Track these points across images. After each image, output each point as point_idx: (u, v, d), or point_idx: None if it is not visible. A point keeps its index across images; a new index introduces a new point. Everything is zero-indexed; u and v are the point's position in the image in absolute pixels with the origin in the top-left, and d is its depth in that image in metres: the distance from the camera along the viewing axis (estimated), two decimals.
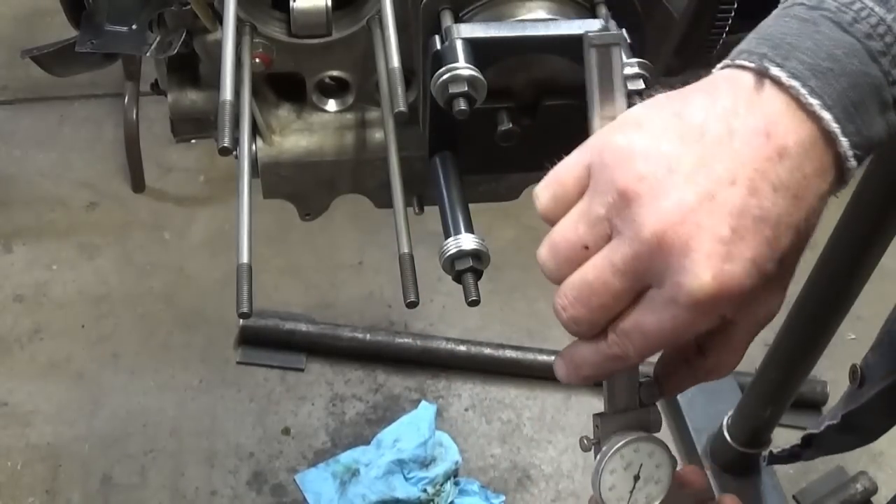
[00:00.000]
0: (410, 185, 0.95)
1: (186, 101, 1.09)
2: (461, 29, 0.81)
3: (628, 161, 0.57)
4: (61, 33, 1.13)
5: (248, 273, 0.79)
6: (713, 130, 0.56)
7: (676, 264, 0.55)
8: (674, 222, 0.54)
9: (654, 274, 0.56)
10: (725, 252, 0.54)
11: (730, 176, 0.55)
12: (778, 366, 1.84)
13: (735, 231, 0.54)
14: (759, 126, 0.56)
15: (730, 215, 0.54)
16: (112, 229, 2.45)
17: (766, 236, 0.55)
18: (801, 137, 0.56)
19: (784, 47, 0.57)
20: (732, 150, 0.55)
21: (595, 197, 0.58)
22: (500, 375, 2.21)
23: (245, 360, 2.21)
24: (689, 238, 0.54)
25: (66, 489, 1.98)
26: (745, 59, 0.58)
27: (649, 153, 0.56)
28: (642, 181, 0.56)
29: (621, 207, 0.56)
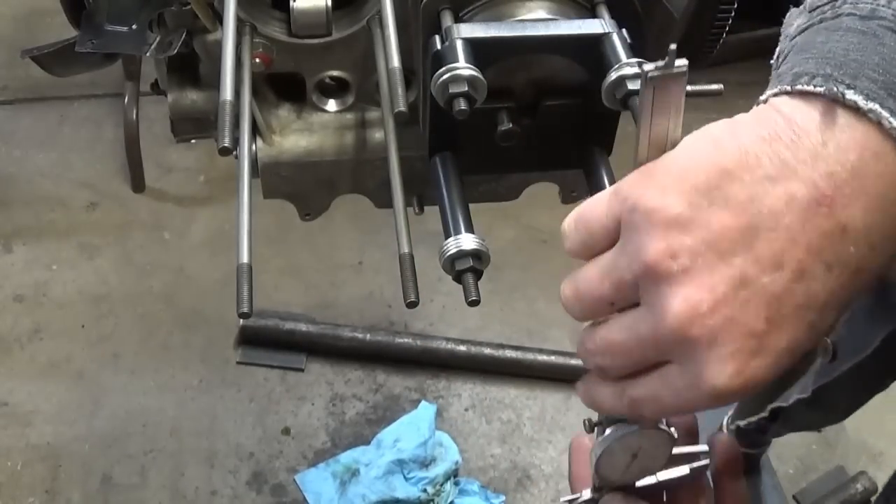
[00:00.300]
0: (410, 185, 0.95)
1: (186, 101, 1.09)
2: (461, 29, 0.81)
3: (660, 230, 0.50)
4: (61, 33, 1.13)
5: (248, 273, 0.79)
6: (765, 197, 0.49)
7: (701, 356, 0.50)
8: (702, 314, 0.49)
9: (677, 355, 0.52)
10: (756, 346, 0.49)
11: (775, 259, 0.48)
12: None
13: (771, 321, 0.49)
14: (822, 188, 0.48)
15: (768, 305, 0.49)
16: (112, 229, 2.45)
17: (808, 321, 0.50)
18: (883, 178, 0.48)
19: (850, 65, 0.50)
20: (784, 226, 0.48)
21: (623, 258, 0.53)
22: (500, 375, 2.21)
23: (245, 360, 2.21)
24: (717, 332, 0.49)
25: (66, 489, 1.98)
26: (806, 82, 0.51)
27: (684, 223, 0.49)
28: (673, 258, 0.49)
29: (648, 282, 0.51)
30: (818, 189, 0.48)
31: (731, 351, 0.49)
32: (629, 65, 0.77)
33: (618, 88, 0.77)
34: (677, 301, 0.50)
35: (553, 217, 2.44)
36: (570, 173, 1.06)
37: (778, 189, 0.48)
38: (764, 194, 0.49)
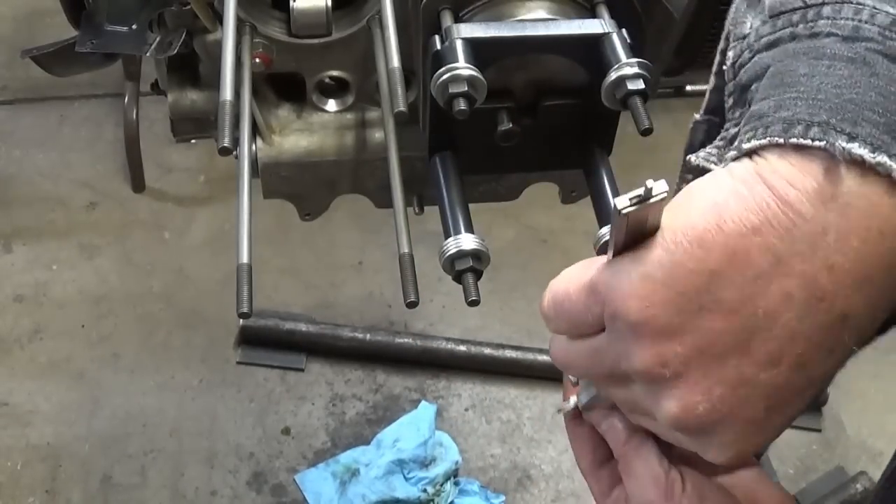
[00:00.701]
0: (410, 185, 0.95)
1: (186, 101, 1.09)
2: (461, 29, 0.81)
3: (648, 340, 0.47)
4: (61, 33, 1.13)
5: (248, 273, 0.79)
6: (758, 299, 0.45)
7: (699, 444, 0.50)
8: (698, 414, 0.47)
9: (679, 441, 0.52)
10: (756, 430, 0.48)
11: (772, 358, 0.45)
12: None
13: (771, 409, 0.47)
14: (822, 285, 0.44)
15: (767, 397, 0.46)
16: (112, 229, 2.45)
17: (809, 396, 0.48)
18: (888, 254, 0.44)
19: (848, 108, 0.44)
20: (781, 325, 0.45)
21: (612, 353, 0.50)
22: (500, 375, 2.21)
23: (245, 360, 2.21)
24: (715, 427, 0.48)
25: (66, 489, 1.98)
26: (801, 134, 0.44)
27: (673, 332, 0.46)
28: (664, 367, 0.47)
29: (643, 383, 0.49)
30: (817, 285, 0.44)
31: (729, 440, 0.48)
32: (629, 65, 0.77)
33: (618, 88, 0.77)
34: (671, 404, 0.48)
35: (553, 217, 2.45)
36: (569, 173, 1.06)
37: (772, 288, 0.44)
38: (757, 295, 0.45)
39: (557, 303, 0.53)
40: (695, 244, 0.45)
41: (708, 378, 0.46)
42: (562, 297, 0.52)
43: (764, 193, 0.44)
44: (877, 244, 0.44)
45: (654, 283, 0.46)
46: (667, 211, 0.47)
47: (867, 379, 2.23)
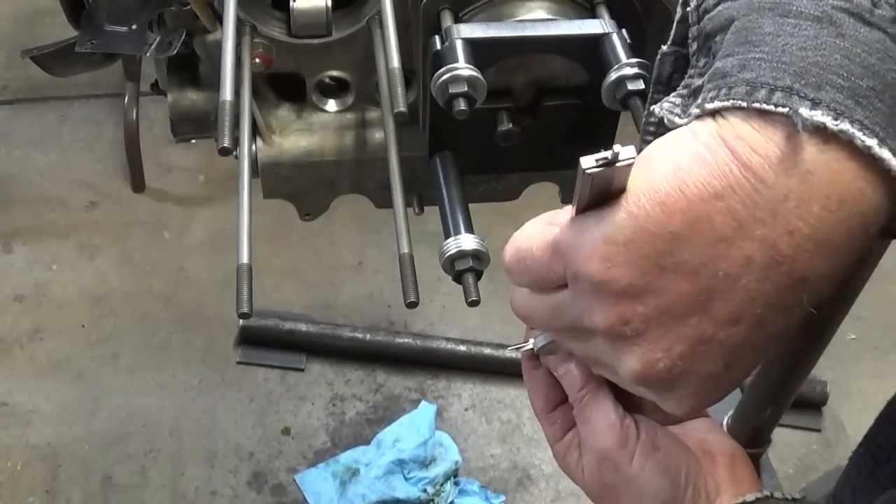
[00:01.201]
0: (410, 185, 0.95)
1: (186, 101, 1.09)
2: (461, 29, 0.81)
3: (610, 300, 0.48)
4: (61, 33, 1.13)
5: (248, 273, 0.79)
6: (719, 261, 0.45)
7: (660, 397, 0.51)
8: (658, 370, 0.48)
9: (639, 393, 0.53)
10: (714, 384, 0.49)
11: (733, 317, 0.46)
12: (778, 366, 1.83)
13: (730, 364, 0.48)
14: (781, 250, 0.44)
15: (726, 354, 0.48)
16: (112, 229, 2.45)
17: (767, 352, 0.49)
18: (850, 220, 0.44)
19: (812, 72, 0.44)
20: (741, 286, 0.45)
21: (574, 310, 0.51)
22: (500, 375, 2.21)
23: (245, 360, 2.21)
24: (674, 382, 0.49)
25: (66, 489, 1.98)
26: (765, 99, 0.44)
27: (636, 293, 0.47)
28: (626, 325, 0.48)
29: (605, 339, 0.50)
30: (777, 249, 0.44)
31: (689, 393, 0.50)
32: (629, 65, 0.77)
33: (618, 88, 0.77)
34: (633, 360, 0.49)
35: None
36: (569, 173, 1.05)
37: (733, 251, 0.45)
38: (718, 257, 0.45)
39: (520, 259, 0.53)
40: (657, 208, 0.46)
41: (668, 336, 0.47)
42: (524, 254, 0.52)
43: (727, 158, 0.45)
44: (837, 210, 0.44)
45: (616, 245, 0.47)
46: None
47: (867, 379, 2.23)
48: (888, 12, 0.45)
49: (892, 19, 0.45)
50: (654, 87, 0.53)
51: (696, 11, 0.51)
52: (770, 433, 1.96)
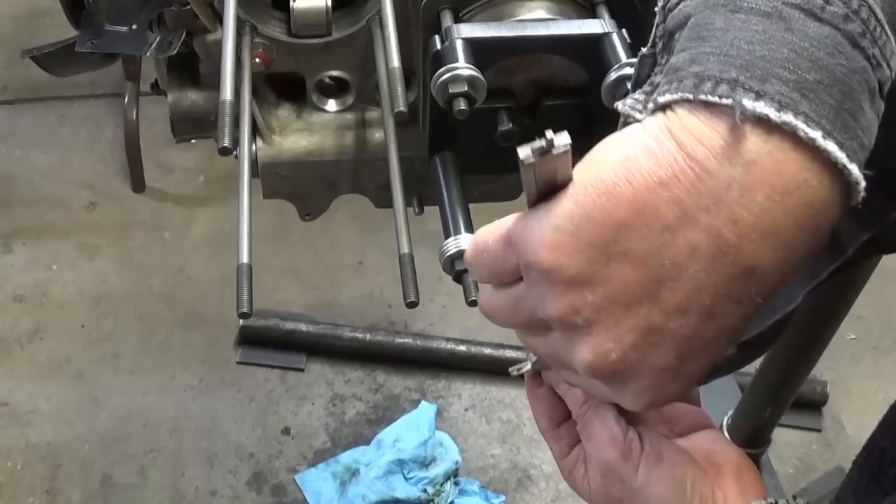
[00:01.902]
0: (410, 185, 0.95)
1: (186, 101, 1.09)
2: (461, 29, 0.81)
3: (560, 288, 0.48)
4: (61, 33, 1.13)
5: (248, 273, 0.79)
6: (665, 249, 0.46)
7: (615, 390, 0.51)
8: (611, 361, 0.48)
9: (597, 388, 0.53)
10: (669, 378, 0.50)
11: (681, 307, 0.47)
12: (778, 366, 1.83)
13: (682, 357, 0.49)
14: (726, 238, 0.45)
15: (678, 346, 0.48)
16: (112, 229, 2.45)
17: (721, 346, 0.49)
18: (794, 211, 0.45)
19: (758, 65, 0.45)
20: (688, 276, 0.46)
21: (530, 301, 0.52)
22: (500, 375, 2.21)
23: (245, 360, 2.21)
24: (628, 374, 0.49)
25: (66, 489, 1.98)
26: (710, 91, 0.45)
27: (584, 281, 0.47)
28: (577, 314, 0.48)
29: (560, 331, 0.51)
30: (722, 238, 0.45)
31: (643, 386, 0.50)
32: (629, 65, 0.77)
33: (618, 88, 0.77)
34: (585, 350, 0.49)
35: None
36: None
37: (678, 240, 0.45)
38: (664, 246, 0.46)
39: (478, 252, 0.54)
40: (604, 197, 0.46)
41: (619, 326, 0.48)
42: (482, 248, 0.53)
43: (673, 149, 0.45)
44: (782, 201, 0.44)
45: (563, 234, 0.47)
46: (580, 164, 0.48)
47: (867, 379, 2.23)
48: (840, 9, 0.46)
49: (844, 16, 0.45)
50: (633, 89, 0.53)
51: (662, 11, 0.52)
52: (770, 433, 1.96)
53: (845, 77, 0.45)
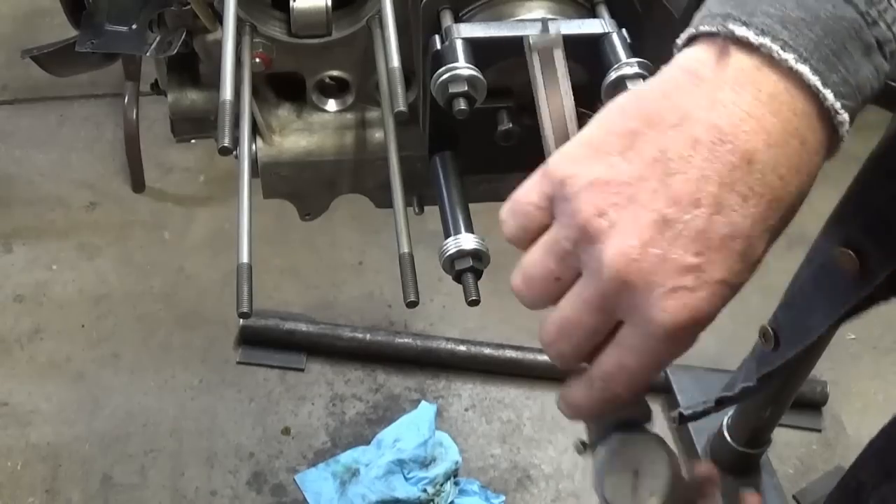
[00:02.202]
0: (410, 184, 0.95)
1: (186, 101, 1.09)
2: (461, 29, 0.81)
3: (586, 193, 0.54)
4: (61, 33, 1.13)
5: (248, 273, 0.79)
6: (672, 145, 0.53)
7: (643, 302, 0.53)
8: (633, 258, 0.52)
9: (625, 310, 0.55)
10: (693, 281, 0.52)
11: (692, 197, 0.52)
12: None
13: (701, 255, 0.52)
14: (722, 128, 0.52)
15: (694, 240, 0.52)
16: (112, 229, 2.45)
17: (737, 251, 0.53)
18: (778, 115, 0.53)
19: (749, 3, 0.54)
20: (694, 166, 0.52)
21: (561, 230, 0.56)
22: (500, 375, 2.21)
23: (245, 360, 2.21)
24: (651, 273, 0.52)
25: (66, 489, 1.98)
26: (708, 23, 0.54)
27: (605, 182, 0.54)
28: (602, 216, 0.53)
29: (585, 244, 0.54)
30: (718, 129, 0.52)
31: (669, 288, 0.53)
32: (629, 64, 0.77)
33: (618, 88, 0.77)
34: (610, 253, 0.53)
35: None
36: None
37: (682, 135, 0.53)
38: (670, 142, 0.53)
39: (515, 201, 0.60)
40: (617, 113, 0.56)
41: (638, 222, 0.53)
42: (519, 195, 0.59)
43: (675, 70, 0.55)
44: (769, 102, 0.53)
45: (582, 146, 0.56)
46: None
47: (867, 379, 2.23)
48: None
49: None
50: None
51: None
52: (770, 433, 1.96)
53: (829, 20, 0.53)
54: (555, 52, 0.62)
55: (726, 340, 2.31)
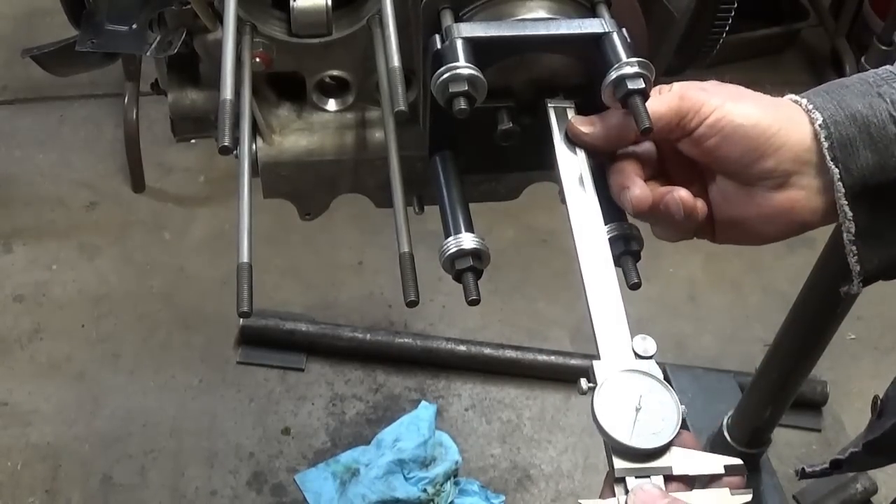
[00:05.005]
0: (410, 184, 0.95)
1: (186, 100, 1.09)
2: (461, 28, 0.81)
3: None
4: (61, 33, 1.13)
5: (248, 273, 0.79)
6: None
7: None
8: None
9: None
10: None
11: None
12: (778, 366, 1.83)
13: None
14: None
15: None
16: (112, 229, 2.45)
17: None
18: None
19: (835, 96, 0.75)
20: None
21: None
22: (500, 375, 2.21)
23: (245, 360, 2.21)
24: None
25: (66, 489, 1.98)
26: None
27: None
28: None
29: None
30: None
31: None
32: (629, 64, 0.77)
33: (618, 87, 0.77)
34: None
35: (553, 217, 2.43)
36: None
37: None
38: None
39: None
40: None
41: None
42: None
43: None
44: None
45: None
46: None
47: (867, 379, 2.23)
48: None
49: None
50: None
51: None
52: (770, 433, 1.96)
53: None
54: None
55: (726, 340, 2.32)
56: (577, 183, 0.78)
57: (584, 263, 0.74)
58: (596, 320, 0.71)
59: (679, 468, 0.65)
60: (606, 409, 0.65)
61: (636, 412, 0.65)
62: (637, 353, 0.69)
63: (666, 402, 0.66)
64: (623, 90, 0.77)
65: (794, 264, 2.17)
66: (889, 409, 1.07)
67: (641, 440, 0.64)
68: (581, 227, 0.76)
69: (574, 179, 0.79)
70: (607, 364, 0.68)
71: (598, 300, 0.72)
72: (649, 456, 0.65)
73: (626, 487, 0.64)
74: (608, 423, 0.65)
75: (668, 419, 0.65)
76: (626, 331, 0.70)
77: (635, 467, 0.64)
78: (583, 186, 0.78)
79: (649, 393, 0.66)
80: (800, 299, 1.71)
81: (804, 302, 1.71)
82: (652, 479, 0.64)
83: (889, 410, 1.07)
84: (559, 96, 0.85)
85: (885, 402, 1.08)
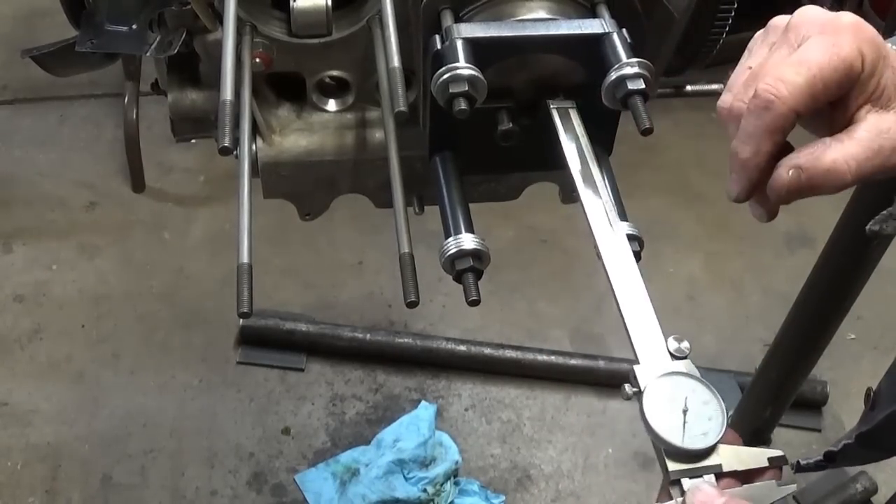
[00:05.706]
0: (410, 184, 0.95)
1: (186, 101, 1.09)
2: (461, 29, 0.81)
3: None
4: (61, 33, 1.13)
5: (248, 273, 0.79)
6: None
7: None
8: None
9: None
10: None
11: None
12: (778, 366, 1.84)
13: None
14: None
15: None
16: (112, 229, 2.45)
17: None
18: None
19: None
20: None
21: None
22: (500, 375, 2.21)
23: (245, 360, 2.21)
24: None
25: (66, 489, 1.98)
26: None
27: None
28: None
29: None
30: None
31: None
32: (629, 65, 0.77)
33: (618, 88, 0.77)
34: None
35: (553, 217, 2.44)
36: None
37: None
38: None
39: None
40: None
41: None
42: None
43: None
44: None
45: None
46: None
47: (867, 379, 2.21)
48: None
49: None
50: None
51: None
52: (770, 433, 1.96)
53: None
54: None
55: (726, 340, 2.32)
56: (590, 183, 0.78)
57: (610, 266, 0.74)
58: (630, 324, 0.71)
59: (728, 465, 0.66)
60: (656, 414, 0.66)
61: (684, 414, 0.66)
62: (672, 353, 0.70)
63: (710, 402, 0.67)
64: (623, 90, 0.77)
65: (794, 264, 2.17)
66: (882, 401, 1.08)
67: (693, 441, 0.65)
68: (600, 228, 0.76)
69: (586, 179, 0.78)
70: (647, 368, 0.69)
71: (628, 303, 0.72)
72: (699, 456, 0.66)
73: (682, 489, 0.64)
74: (661, 428, 0.65)
75: (714, 419, 0.67)
76: (658, 332, 0.71)
77: (688, 468, 0.65)
78: (595, 186, 0.78)
79: (693, 394, 0.67)
80: (800, 299, 1.71)
81: (804, 302, 1.71)
82: (705, 478, 0.65)
83: (882, 402, 1.08)
84: (559, 96, 0.85)
85: (877, 395, 1.09)
